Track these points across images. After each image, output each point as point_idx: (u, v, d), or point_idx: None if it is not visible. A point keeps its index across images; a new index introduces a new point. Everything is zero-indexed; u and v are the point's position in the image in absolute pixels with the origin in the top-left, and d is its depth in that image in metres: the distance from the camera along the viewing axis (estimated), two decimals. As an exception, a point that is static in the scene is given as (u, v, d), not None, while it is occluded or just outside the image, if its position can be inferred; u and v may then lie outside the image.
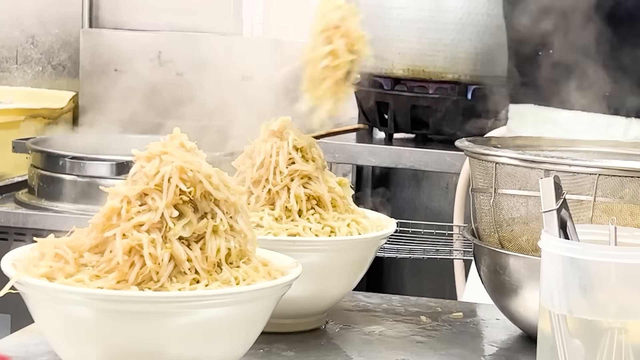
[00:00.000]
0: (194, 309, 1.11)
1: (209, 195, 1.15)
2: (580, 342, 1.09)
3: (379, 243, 1.44)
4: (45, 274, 1.13)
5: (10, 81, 3.36)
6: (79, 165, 2.56)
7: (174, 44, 3.23)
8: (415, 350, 1.39)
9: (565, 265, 1.09)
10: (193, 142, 1.18)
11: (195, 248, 1.14)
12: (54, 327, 1.15)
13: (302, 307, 1.41)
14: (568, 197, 1.15)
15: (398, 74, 2.61)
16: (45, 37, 3.36)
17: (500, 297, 1.44)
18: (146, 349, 1.11)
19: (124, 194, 1.14)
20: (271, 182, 1.40)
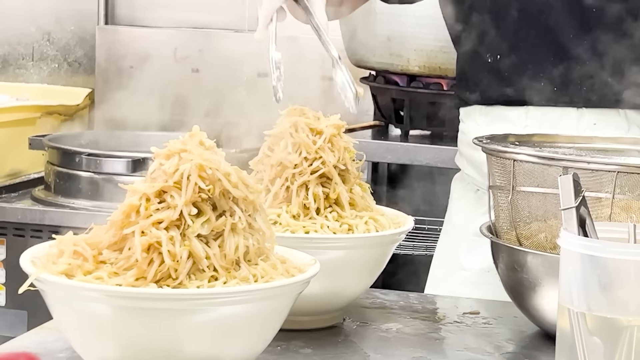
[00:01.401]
0: (212, 307, 1.11)
1: (227, 193, 1.15)
2: (600, 340, 1.08)
3: (396, 240, 1.44)
4: (64, 271, 1.13)
5: (26, 78, 3.36)
6: (95, 162, 2.57)
7: (189, 40, 3.23)
8: (433, 347, 1.39)
9: (585, 262, 1.08)
10: (212, 139, 1.18)
11: (214, 245, 1.14)
12: (73, 324, 1.15)
13: (319, 305, 1.41)
14: (587, 194, 1.15)
15: (414, 71, 2.61)
16: (61, 34, 3.36)
17: (518, 295, 1.44)
18: (164, 346, 1.11)
19: (143, 191, 1.14)
20: (289, 179, 1.40)
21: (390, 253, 1.45)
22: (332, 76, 1.49)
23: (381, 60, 2.63)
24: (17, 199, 2.67)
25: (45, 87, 3.29)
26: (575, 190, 1.11)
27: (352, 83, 1.48)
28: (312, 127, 1.41)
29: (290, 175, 1.40)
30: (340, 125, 1.42)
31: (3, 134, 2.82)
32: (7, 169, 2.82)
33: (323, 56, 3.14)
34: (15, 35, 3.37)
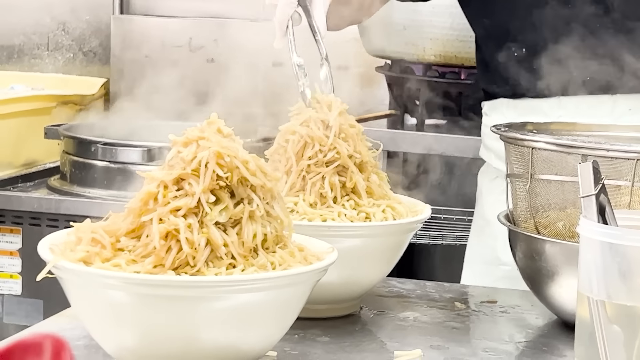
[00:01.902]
0: (230, 294, 1.10)
1: (245, 181, 1.15)
2: (619, 328, 1.08)
3: (414, 228, 1.44)
4: (82, 258, 1.13)
5: (41, 68, 3.36)
6: (111, 152, 2.57)
7: (204, 30, 3.23)
8: (450, 336, 1.38)
9: (604, 250, 1.08)
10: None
11: (232, 233, 1.13)
12: (91, 311, 1.15)
13: (336, 293, 1.41)
14: (606, 182, 1.14)
15: (430, 60, 2.60)
16: (76, 24, 3.36)
17: (535, 283, 1.43)
18: (182, 333, 1.11)
19: (161, 178, 1.13)
20: (305, 169, 1.40)
21: (408, 241, 1.44)
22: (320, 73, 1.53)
23: (397, 49, 2.62)
24: (33, 189, 2.67)
25: (60, 77, 3.29)
26: (594, 178, 1.11)
27: (332, 84, 1.52)
28: (323, 119, 1.41)
29: (306, 166, 1.40)
30: (343, 111, 1.42)
31: (19, 124, 2.83)
32: (22, 158, 2.83)
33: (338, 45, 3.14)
34: (30, 25, 3.37)
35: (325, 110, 1.41)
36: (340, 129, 1.40)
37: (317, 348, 1.31)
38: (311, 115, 1.41)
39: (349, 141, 1.41)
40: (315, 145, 1.40)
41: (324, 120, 1.41)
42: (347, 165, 1.40)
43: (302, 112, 1.43)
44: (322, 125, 1.41)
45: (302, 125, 1.41)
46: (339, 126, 1.40)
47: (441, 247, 2.64)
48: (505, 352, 1.33)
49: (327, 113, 1.41)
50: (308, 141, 1.40)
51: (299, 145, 1.40)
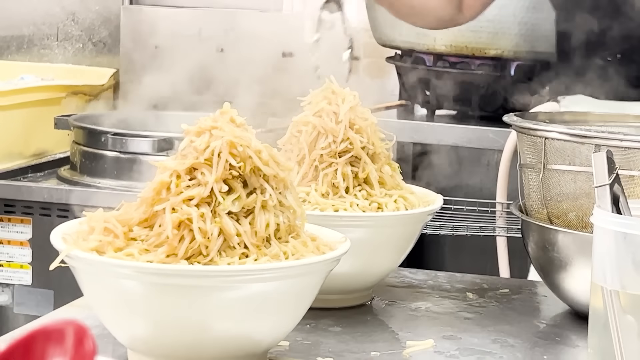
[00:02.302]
0: (243, 284, 1.10)
1: (258, 170, 1.15)
2: (633, 318, 1.07)
3: (425, 219, 1.44)
4: (95, 247, 1.13)
5: (51, 58, 3.37)
6: (121, 142, 2.57)
7: (214, 20, 3.23)
8: (463, 326, 1.38)
9: (618, 240, 1.07)
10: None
11: (245, 223, 1.13)
12: (103, 300, 1.15)
13: (348, 283, 1.41)
14: (620, 172, 1.14)
15: (440, 50, 2.59)
16: (85, 14, 3.36)
17: (548, 274, 1.43)
18: (194, 322, 1.11)
19: (174, 168, 1.13)
20: (317, 159, 1.40)
21: (420, 232, 1.44)
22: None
23: (407, 40, 2.62)
24: (43, 179, 2.68)
25: (70, 67, 3.29)
26: (608, 168, 1.10)
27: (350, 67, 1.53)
28: (335, 111, 1.41)
29: (319, 156, 1.40)
30: (355, 107, 1.42)
31: (28, 114, 2.83)
32: (32, 148, 2.83)
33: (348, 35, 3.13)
34: (40, 16, 3.37)
35: (339, 102, 1.41)
36: (351, 123, 1.40)
37: (329, 338, 1.31)
38: (324, 106, 1.41)
39: (362, 134, 1.41)
40: (329, 136, 1.40)
41: (336, 112, 1.41)
42: (360, 156, 1.40)
43: (315, 103, 1.43)
44: (334, 116, 1.41)
45: (314, 115, 1.41)
46: (350, 120, 1.40)
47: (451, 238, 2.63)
48: (518, 343, 1.33)
49: (339, 106, 1.41)
50: (321, 132, 1.40)
51: (312, 136, 1.40)
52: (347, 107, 1.41)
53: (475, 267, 2.63)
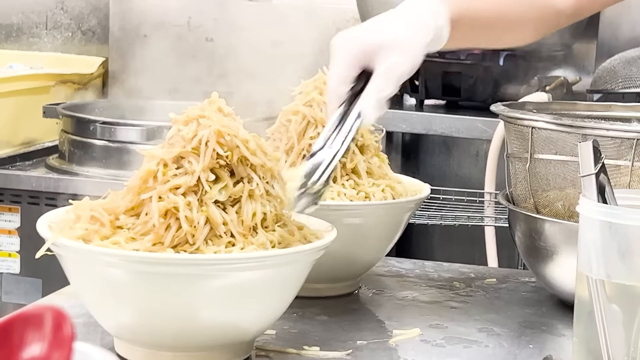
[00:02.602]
0: (230, 272, 1.10)
1: (245, 160, 1.15)
2: (618, 307, 1.08)
3: (412, 208, 1.44)
4: (81, 236, 1.13)
5: (40, 46, 3.35)
6: (110, 131, 2.56)
7: (203, 9, 3.22)
8: (449, 315, 1.38)
9: (604, 230, 1.08)
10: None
11: (231, 212, 1.13)
12: (90, 289, 1.15)
13: (335, 272, 1.41)
14: (606, 162, 1.14)
15: (429, 39, 2.58)
16: (74, 3, 3.35)
17: (535, 263, 1.43)
18: (181, 311, 1.11)
19: (161, 156, 1.13)
20: (305, 149, 1.40)
21: (407, 221, 1.44)
22: None
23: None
24: (32, 167, 2.67)
25: (59, 56, 3.28)
26: (595, 157, 1.10)
27: None
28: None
29: (307, 145, 1.40)
30: None
31: (17, 103, 2.82)
32: (21, 137, 2.82)
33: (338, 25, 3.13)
34: (28, 4, 3.36)
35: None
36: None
37: (316, 327, 1.31)
38: (315, 96, 1.41)
39: None
40: (318, 126, 1.40)
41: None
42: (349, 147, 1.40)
43: (306, 93, 1.43)
44: (324, 107, 1.41)
45: (305, 105, 1.41)
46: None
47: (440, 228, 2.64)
48: (504, 332, 1.34)
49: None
50: (311, 121, 1.40)
51: (302, 126, 1.40)
52: None
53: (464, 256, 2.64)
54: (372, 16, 2.78)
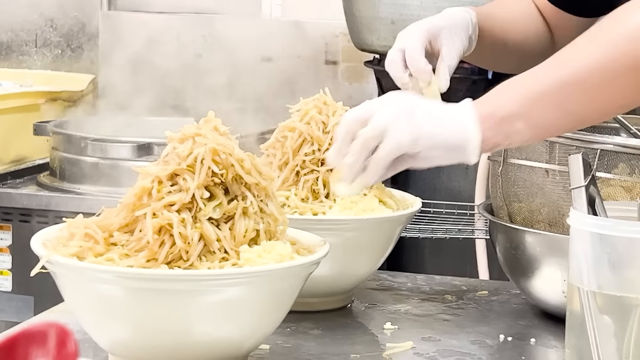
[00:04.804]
0: (223, 287, 1.11)
1: (240, 178, 1.15)
2: (610, 318, 1.09)
3: (404, 221, 1.45)
4: (75, 253, 1.14)
5: (29, 64, 3.36)
6: (100, 147, 2.57)
7: (192, 26, 3.23)
8: (442, 328, 1.39)
9: (594, 241, 1.09)
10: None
11: (225, 228, 1.14)
12: (84, 305, 1.15)
13: (328, 286, 1.42)
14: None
15: (418, 54, 2.60)
16: (64, 20, 3.36)
17: (513, 273, 1.47)
18: (175, 326, 1.12)
19: (156, 174, 1.14)
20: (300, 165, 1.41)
21: (398, 234, 1.45)
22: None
23: (385, 44, 2.63)
24: (23, 185, 2.67)
25: (48, 74, 3.29)
26: (584, 169, 1.12)
27: None
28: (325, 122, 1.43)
29: (301, 162, 1.41)
30: None
31: (7, 120, 2.82)
32: (12, 155, 2.82)
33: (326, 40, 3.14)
34: (18, 22, 3.37)
35: (329, 113, 1.43)
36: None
37: (309, 341, 1.32)
38: (313, 115, 1.43)
39: None
40: (314, 144, 1.41)
41: (325, 122, 1.42)
42: None
43: (305, 111, 1.44)
44: (322, 126, 1.42)
45: (302, 122, 1.43)
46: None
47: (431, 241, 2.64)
48: (497, 344, 1.34)
49: (329, 117, 1.43)
50: (307, 139, 1.41)
51: (297, 142, 1.42)
52: (337, 119, 1.43)
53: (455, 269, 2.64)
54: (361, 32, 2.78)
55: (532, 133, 1.18)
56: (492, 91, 1.21)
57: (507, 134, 1.17)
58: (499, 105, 1.18)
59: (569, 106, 1.17)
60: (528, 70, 1.20)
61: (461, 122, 1.17)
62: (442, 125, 1.17)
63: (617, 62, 1.16)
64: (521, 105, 1.16)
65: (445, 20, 1.45)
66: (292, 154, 1.41)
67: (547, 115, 1.17)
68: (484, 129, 1.16)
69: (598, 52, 1.16)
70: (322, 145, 1.41)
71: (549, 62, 1.20)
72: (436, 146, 1.16)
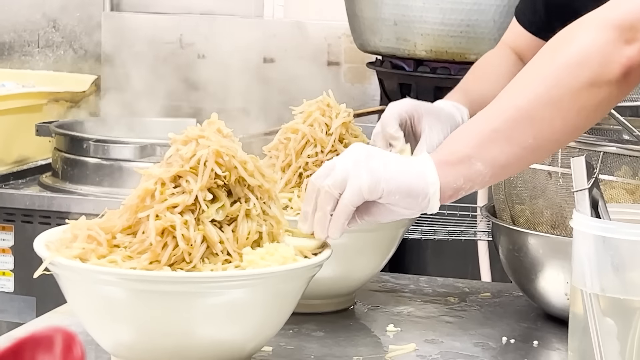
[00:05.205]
0: (226, 289, 1.11)
1: (243, 181, 1.15)
2: (613, 321, 1.09)
3: (407, 223, 1.45)
4: (78, 255, 1.14)
5: (32, 65, 3.36)
6: (103, 148, 2.57)
7: (195, 26, 3.23)
8: (445, 330, 1.39)
9: (598, 244, 1.09)
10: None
11: (227, 230, 1.14)
12: (87, 307, 1.15)
13: (331, 288, 1.42)
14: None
15: (421, 55, 2.60)
16: (66, 21, 3.36)
17: (514, 274, 1.47)
18: (178, 328, 1.12)
19: (159, 176, 1.14)
20: (302, 167, 1.41)
21: (401, 236, 1.45)
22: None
23: (388, 45, 2.63)
24: (25, 186, 2.67)
25: (51, 74, 3.29)
26: (587, 172, 1.11)
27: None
28: (327, 123, 1.43)
29: (304, 163, 1.41)
30: (348, 123, 1.44)
31: (10, 121, 2.82)
32: (14, 155, 2.82)
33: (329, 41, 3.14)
34: (20, 22, 3.37)
35: (332, 115, 1.43)
36: (341, 136, 1.42)
37: (312, 343, 1.32)
38: (317, 117, 1.43)
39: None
40: (317, 145, 1.41)
41: (328, 125, 1.43)
42: None
43: (308, 113, 1.44)
44: (325, 128, 1.43)
45: (305, 124, 1.43)
46: (341, 134, 1.42)
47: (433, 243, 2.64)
48: (499, 346, 1.34)
49: (332, 119, 1.43)
50: (310, 140, 1.42)
51: (300, 144, 1.42)
52: (340, 121, 1.43)
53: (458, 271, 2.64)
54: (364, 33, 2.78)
55: (491, 172, 1.18)
56: (448, 139, 1.23)
57: (467, 176, 1.18)
58: (455, 150, 1.19)
59: (522, 140, 1.17)
60: (480, 111, 1.22)
61: (420, 169, 1.18)
62: (401, 170, 1.18)
63: (560, 90, 1.16)
64: (475, 146, 1.18)
65: (431, 109, 1.50)
66: (294, 155, 1.41)
67: (502, 152, 1.18)
68: (443, 175, 1.18)
69: (542, 84, 1.17)
70: (324, 147, 1.41)
71: (499, 98, 1.21)
72: (396, 191, 1.17)
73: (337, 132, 1.42)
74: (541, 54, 1.20)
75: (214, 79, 3.14)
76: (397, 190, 1.17)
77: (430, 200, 1.18)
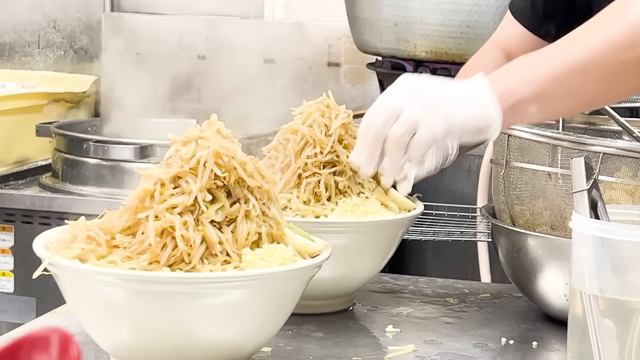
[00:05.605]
0: (225, 290, 1.11)
1: (242, 182, 1.15)
2: (612, 322, 1.09)
3: (406, 224, 1.45)
4: (78, 255, 1.14)
5: (32, 65, 3.36)
6: (103, 149, 2.57)
7: (195, 27, 3.23)
8: (444, 331, 1.39)
9: (597, 245, 1.09)
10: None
11: (227, 231, 1.14)
12: (86, 308, 1.15)
13: (330, 289, 1.42)
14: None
15: (421, 56, 2.60)
16: (67, 21, 3.36)
17: (514, 275, 1.47)
18: (177, 329, 1.12)
19: (158, 176, 1.14)
20: (302, 168, 1.41)
21: (400, 237, 1.45)
22: None
23: (388, 46, 2.63)
24: (25, 186, 2.68)
25: (51, 75, 3.29)
26: (586, 173, 1.11)
27: None
28: (327, 125, 1.43)
29: (303, 164, 1.41)
30: (347, 124, 1.44)
31: (10, 121, 2.82)
32: (14, 156, 2.83)
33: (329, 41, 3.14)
34: (21, 23, 3.37)
35: (332, 116, 1.43)
36: (341, 138, 1.42)
37: (311, 343, 1.32)
38: (316, 118, 1.43)
39: (350, 150, 1.42)
40: (316, 146, 1.41)
41: (328, 125, 1.43)
42: (345, 171, 1.42)
43: (308, 114, 1.44)
44: (325, 129, 1.43)
45: (305, 125, 1.43)
46: (340, 135, 1.42)
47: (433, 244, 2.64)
48: (499, 347, 1.34)
49: (331, 120, 1.43)
50: (309, 141, 1.42)
51: (300, 145, 1.42)
52: (340, 122, 1.43)
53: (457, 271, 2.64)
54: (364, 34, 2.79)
55: (543, 116, 1.25)
56: (507, 69, 1.26)
57: (523, 115, 1.23)
58: (515, 87, 1.23)
59: (581, 92, 1.23)
60: (538, 51, 1.25)
61: (483, 103, 1.22)
62: (469, 109, 1.22)
63: (628, 50, 1.20)
64: (537, 89, 1.22)
65: None
66: (294, 156, 1.41)
67: (559, 100, 1.23)
68: (503, 110, 1.22)
69: (605, 41, 1.20)
70: (324, 148, 1.41)
71: (560, 45, 1.24)
72: (468, 132, 1.23)
73: (337, 133, 1.42)
74: (606, 13, 1.23)
75: (214, 79, 3.14)
76: (469, 131, 1.23)
77: (492, 134, 1.24)
